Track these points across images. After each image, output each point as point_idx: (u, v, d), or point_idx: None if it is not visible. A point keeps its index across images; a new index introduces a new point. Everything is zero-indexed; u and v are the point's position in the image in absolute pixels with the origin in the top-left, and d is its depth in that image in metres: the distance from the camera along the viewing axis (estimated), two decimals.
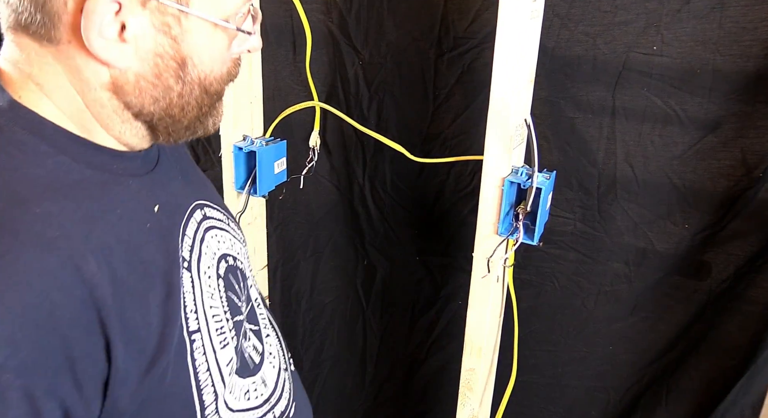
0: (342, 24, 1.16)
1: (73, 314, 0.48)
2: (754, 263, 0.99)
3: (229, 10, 0.56)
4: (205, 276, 0.63)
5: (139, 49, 0.53)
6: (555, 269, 1.14)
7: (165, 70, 0.55)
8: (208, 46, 0.56)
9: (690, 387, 1.10)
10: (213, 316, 0.62)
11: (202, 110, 0.60)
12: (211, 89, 0.59)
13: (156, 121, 0.58)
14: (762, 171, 0.94)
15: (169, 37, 0.53)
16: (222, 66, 0.59)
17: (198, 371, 0.60)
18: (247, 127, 1.15)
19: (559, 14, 0.99)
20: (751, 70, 0.91)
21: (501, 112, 0.84)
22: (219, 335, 0.63)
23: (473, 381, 1.00)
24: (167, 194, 0.63)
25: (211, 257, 0.65)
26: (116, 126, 0.57)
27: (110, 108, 0.56)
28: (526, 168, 0.90)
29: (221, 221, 0.72)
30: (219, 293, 0.65)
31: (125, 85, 0.54)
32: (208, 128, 0.63)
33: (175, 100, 0.57)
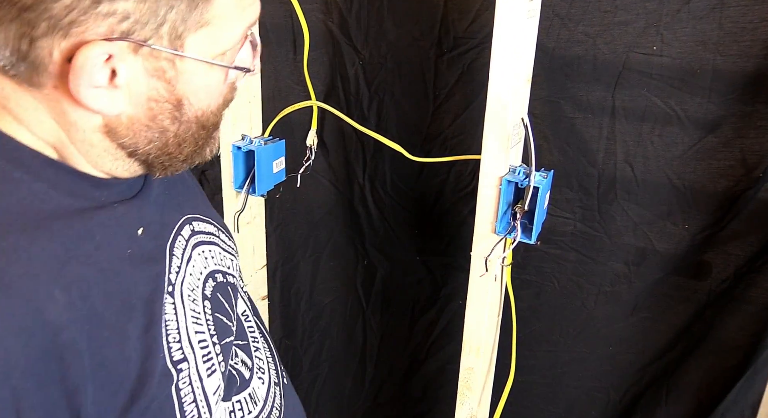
0: (342, 24, 1.16)
1: (29, 364, 0.45)
2: (754, 263, 0.99)
3: (228, 45, 0.54)
4: (188, 300, 0.60)
5: (132, 93, 0.50)
6: (555, 269, 1.14)
7: (160, 112, 0.52)
8: (204, 84, 0.54)
9: (690, 387, 1.10)
10: (199, 342, 0.60)
11: (198, 144, 0.57)
12: (209, 123, 0.57)
13: (152, 159, 0.55)
14: (762, 171, 0.94)
15: (164, 80, 0.51)
16: (219, 98, 0.57)
17: (183, 401, 0.57)
18: (245, 126, 1.15)
19: (559, 14, 0.99)
20: (751, 70, 0.91)
21: (498, 112, 0.84)
22: (206, 362, 0.60)
23: (472, 380, 1.00)
24: (154, 214, 0.61)
25: (197, 277, 0.63)
26: (107, 164, 0.54)
27: (100, 148, 0.53)
28: (523, 167, 0.90)
29: (211, 235, 0.69)
30: (205, 317, 0.62)
31: (118, 127, 0.52)
32: (206, 157, 0.61)
33: (171, 139, 0.55)
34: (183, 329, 0.58)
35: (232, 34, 0.53)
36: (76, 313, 0.48)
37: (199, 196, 0.75)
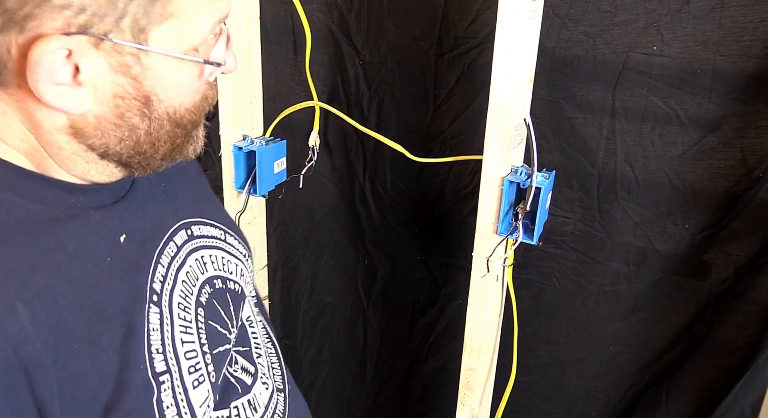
0: (342, 24, 1.16)
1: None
2: (754, 263, 0.99)
3: (197, 40, 0.51)
4: (179, 309, 0.59)
5: (97, 91, 0.48)
6: (555, 268, 1.14)
7: (127, 110, 0.50)
8: (174, 81, 0.51)
9: (690, 387, 1.10)
10: (186, 353, 0.58)
11: (175, 143, 0.55)
12: (184, 121, 0.54)
13: (126, 159, 0.53)
14: (762, 171, 0.94)
15: (129, 76, 0.49)
16: (194, 96, 0.54)
17: (165, 414, 0.55)
18: (247, 126, 1.15)
19: (559, 14, 0.99)
20: (751, 70, 0.91)
21: (500, 112, 0.84)
22: (192, 374, 0.58)
23: (473, 381, 1.00)
24: (140, 220, 0.59)
25: (191, 284, 0.62)
26: (79, 167, 0.53)
27: (70, 150, 0.51)
28: (525, 168, 0.90)
29: (215, 239, 0.68)
30: (197, 325, 0.60)
31: (85, 128, 0.50)
32: (188, 155, 0.58)
33: (143, 137, 0.52)
34: (168, 339, 0.56)
35: (201, 28, 0.51)
36: (40, 326, 0.46)
37: (207, 199, 0.74)
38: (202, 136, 0.60)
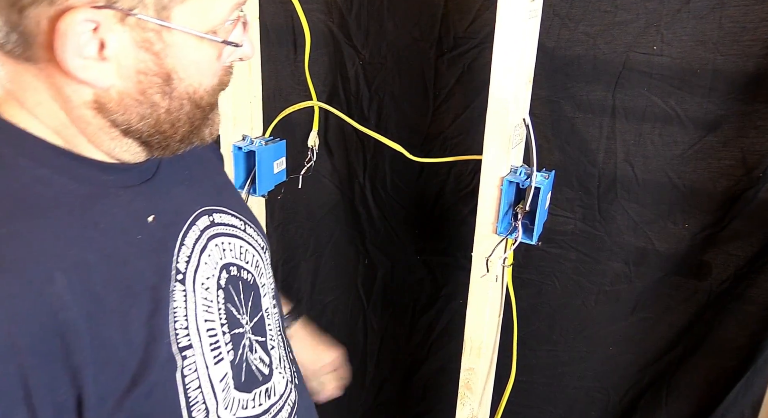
0: (342, 24, 1.16)
1: (32, 342, 0.47)
2: (754, 263, 0.99)
3: (216, 21, 0.53)
4: (201, 288, 0.61)
5: (121, 66, 0.50)
6: (555, 268, 1.14)
7: (149, 86, 0.52)
8: (194, 59, 0.53)
9: (690, 387, 1.10)
10: (207, 330, 0.60)
11: (194, 124, 0.57)
12: (202, 102, 0.56)
13: (146, 137, 0.55)
14: (762, 171, 0.94)
15: (151, 52, 0.51)
16: (212, 78, 0.57)
17: (188, 388, 0.58)
18: (246, 126, 1.15)
19: (559, 14, 0.99)
20: (751, 70, 0.91)
21: (500, 112, 0.84)
22: (213, 351, 0.61)
23: (473, 381, 1.00)
24: (166, 202, 0.61)
25: (212, 266, 0.64)
26: (105, 143, 0.55)
27: (96, 126, 0.53)
28: (524, 168, 0.90)
29: (234, 228, 0.70)
30: (217, 306, 0.63)
31: (109, 103, 0.52)
32: (205, 139, 0.60)
33: (164, 116, 0.54)
34: (192, 316, 0.59)
35: (221, 10, 0.53)
36: (76, 295, 0.49)
37: (229, 190, 0.76)
38: (218, 121, 0.62)
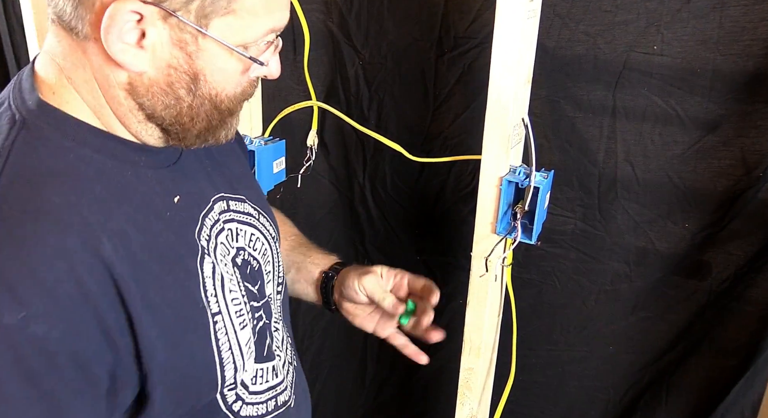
0: (342, 24, 1.16)
1: (98, 288, 0.53)
2: (754, 263, 0.99)
3: (249, 39, 0.58)
4: (222, 264, 0.67)
5: (155, 58, 0.56)
6: (555, 268, 1.14)
7: (177, 81, 0.57)
8: (222, 67, 0.58)
9: (690, 387, 1.10)
10: (232, 299, 0.67)
11: (211, 123, 0.62)
12: (222, 106, 0.61)
13: (167, 125, 0.60)
14: (762, 171, 0.94)
15: (185, 52, 0.56)
16: (235, 87, 0.61)
17: (221, 349, 0.65)
18: (246, 126, 1.15)
19: (559, 14, 0.99)
20: (751, 70, 0.91)
21: (499, 112, 0.84)
22: (238, 317, 0.67)
23: (472, 381, 1.00)
24: (189, 186, 0.67)
25: (228, 247, 0.69)
26: (133, 125, 0.60)
27: (126, 107, 0.59)
28: (524, 167, 0.90)
29: (248, 215, 0.75)
30: (237, 279, 0.69)
31: (139, 87, 0.57)
32: (220, 139, 0.65)
33: (185, 110, 0.59)
34: (218, 286, 0.65)
35: (256, 30, 0.58)
36: (122, 259, 0.55)
37: (247, 180, 0.82)
38: (235, 125, 0.66)
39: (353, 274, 0.88)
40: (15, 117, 0.57)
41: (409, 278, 0.90)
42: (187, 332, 0.61)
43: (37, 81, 0.59)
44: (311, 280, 0.94)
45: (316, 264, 0.94)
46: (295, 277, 0.95)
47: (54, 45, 0.58)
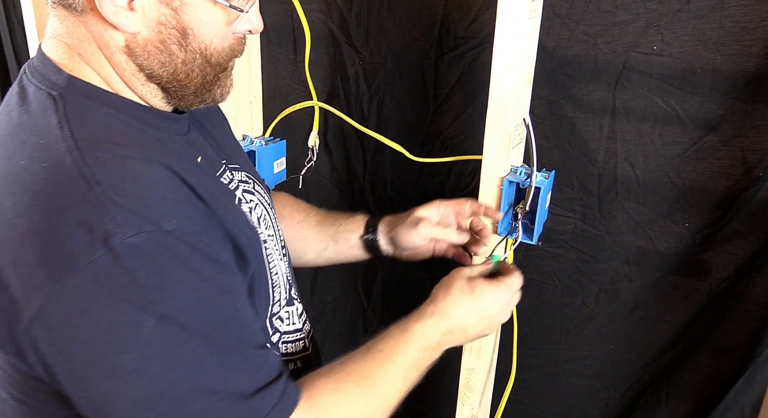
0: (342, 24, 1.16)
1: (199, 201, 0.60)
2: (754, 262, 0.99)
3: None
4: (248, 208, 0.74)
5: (145, 17, 0.60)
6: (556, 267, 1.14)
7: (168, 37, 0.62)
8: (207, 20, 0.63)
9: (690, 386, 1.10)
10: (268, 235, 0.76)
11: (206, 79, 0.66)
12: (213, 60, 0.65)
13: (165, 84, 0.65)
14: (762, 170, 0.94)
15: (171, 8, 0.60)
16: (222, 40, 0.65)
17: (272, 272, 0.74)
18: (246, 126, 1.15)
19: (559, 14, 0.99)
20: (751, 70, 0.91)
21: (500, 112, 0.84)
22: (276, 250, 0.77)
23: (473, 381, 1.00)
24: (203, 151, 0.72)
25: (245, 201, 0.75)
26: (138, 88, 0.65)
27: (129, 71, 0.63)
28: (525, 167, 0.90)
29: (246, 183, 0.79)
30: (265, 224, 0.77)
31: (136, 48, 0.62)
32: (216, 98, 0.69)
33: (180, 66, 0.64)
34: (256, 222, 0.73)
35: None
36: (195, 184, 0.60)
37: (239, 151, 0.86)
38: (229, 85, 0.70)
39: (403, 228, 0.91)
40: (51, 94, 0.61)
41: (453, 204, 0.91)
42: (253, 254, 0.66)
43: (56, 63, 0.63)
44: (353, 246, 0.96)
45: (350, 231, 0.96)
46: (335, 249, 0.98)
47: (57, 27, 0.63)
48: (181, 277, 0.55)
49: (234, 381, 0.57)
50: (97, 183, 0.54)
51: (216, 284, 0.58)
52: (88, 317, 0.52)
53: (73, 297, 0.52)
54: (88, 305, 0.52)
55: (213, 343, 0.56)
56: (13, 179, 0.56)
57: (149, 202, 0.55)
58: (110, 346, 0.53)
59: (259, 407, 0.58)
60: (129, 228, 0.52)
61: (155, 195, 0.56)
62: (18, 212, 0.54)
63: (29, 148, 0.58)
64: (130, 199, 0.54)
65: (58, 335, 0.53)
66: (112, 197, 0.53)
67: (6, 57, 1.71)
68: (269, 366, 0.61)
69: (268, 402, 0.59)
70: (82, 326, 0.52)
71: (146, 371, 0.53)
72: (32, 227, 0.53)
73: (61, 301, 0.52)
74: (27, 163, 0.56)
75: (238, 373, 0.58)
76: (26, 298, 0.53)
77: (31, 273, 0.53)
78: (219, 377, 0.56)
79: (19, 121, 0.61)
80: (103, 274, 0.52)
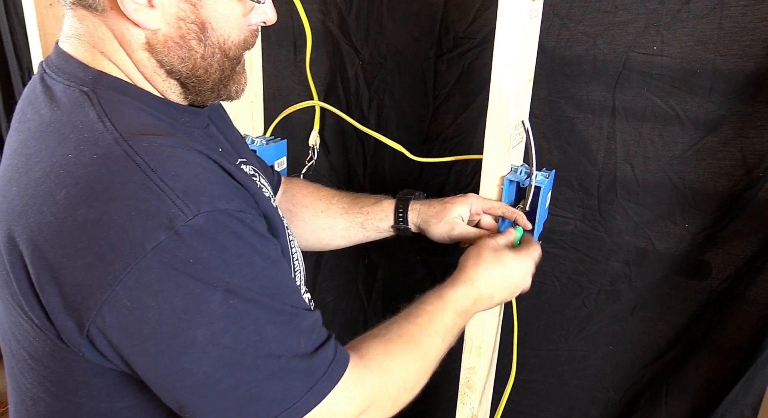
0: (342, 24, 1.16)
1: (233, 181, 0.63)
2: (754, 263, 0.99)
3: None
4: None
5: (165, 14, 0.62)
6: (555, 268, 1.14)
7: (187, 32, 0.64)
8: (224, 13, 0.65)
9: (690, 387, 1.10)
10: (286, 225, 0.77)
11: (224, 73, 0.69)
12: (231, 54, 0.68)
13: (184, 79, 0.67)
14: (762, 171, 0.94)
15: (189, 3, 0.62)
16: (239, 33, 0.67)
17: (294, 258, 0.77)
18: (247, 126, 1.15)
19: (559, 14, 0.99)
20: (751, 70, 0.91)
21: (500, 112, 0.84)
22: (291, 238, 0.79)
23: (473, 380, 1.00)
24: (222, 145, 0.75)
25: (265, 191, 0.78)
26: (159, 83, 0.67)
27: (150, 68, 0.65)
28: (525, 167, 0.90)
29: (256, 177, 0.81)
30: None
31: (157, 45, 0.64)
32: (231, 94, 0.72)
33: (199, 61, 0.66)
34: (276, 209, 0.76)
35: None
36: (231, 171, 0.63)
37: (245, 145, 0.89)
38: (244, 82, 0.73)
39: (437, 225, 0.94)
40: (83, 90, 0.62)
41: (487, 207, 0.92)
42: (279, 228, 0.70)
43: (81, 61, 0.64)
44: (383, 231, 1.00)
45: (379, 219, 0.99)
46: (364, 234, 1.01)
47: (77, 26, 0.64)
48: (239, 251, 0.57)
49: (294, 344, 0.60)
50: (151, 171, 0.56)
51: (266, 255, 0.60)
52: (159, 297, 0.54)
53: (142, 280, 0.54)
54: (159, 287, 0.54)
55: (272, 310, 0.59)
56: (63, 172, 0.57)
57: (200, 185, 0.57)
58: (183, 323, 0.55)
59: (317, 365, 0.61)
60: (189, 210, 0.55)
61: (204, 179, 0.58)
62: (73, 204, 0.55)
63: (74, 142, 0.59)
64: (184, 184, 0.56)
65: (130, 318, 0.55)
66: (168, 183, 0.55)
67: (6, 57, 1.71)
68: (319, 328, 0.64)
69: (325, 360, 0.62)
70: (155, 307, 0.54)
71: (217, 344, 0.56)
72: (91, 217, 0.55)
73: (131, 285, 0.54)
74: (75, 156, 0.58)
75: (297, 336, 0.61)
76: (93, 287, 0.54)
77: (96, 262, 0.54)
78: (281, 342, 0.59)
79: (52, 118, 0.62)
80: (169, 255, 0.54)
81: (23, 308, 0.61)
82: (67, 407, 0.65)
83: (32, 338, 0.63)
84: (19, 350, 0.66)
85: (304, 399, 0.60)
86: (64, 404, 0.65)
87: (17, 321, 0.63)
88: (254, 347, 0.57)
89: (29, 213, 0.58)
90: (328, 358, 0.62)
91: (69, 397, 0.64)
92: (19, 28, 1.63)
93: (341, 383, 0.62)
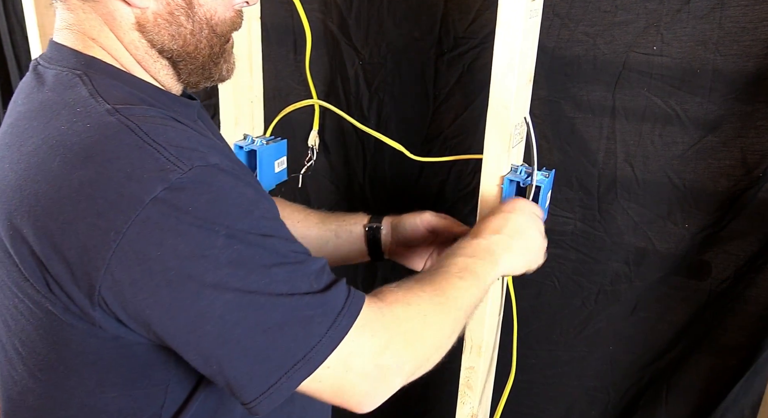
0: (342, 24, 1.16)
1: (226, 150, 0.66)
2: (754, 263, 0.99)
3: None
4: None
5: None
6: (555, 268, 1.14)
7: (176, 8, 0.65)
8: None
9: (690, 387, 1.10)
10: None
11: (213, 50, 0.70)
12: (218, 30, 0.69)
13: (175, 57, 0.68)
14: (762, 171, 0.94)
15: None
16: (225, 10, 0.69)
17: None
18: (247, 126, 1.15)
19: (559, 14, 0.99)
20: (751, 70, 0.91)
21: (500, 111, 0.84)
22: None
23: (473, 380, 1.00)
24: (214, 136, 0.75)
25: None
26: (150, 65, 0.68)
27: (142, 49, 0.67)
28: (525, 166, 0.90)
29: None
30: None
31: (147, 23, 0.65)
32: (222, 74, 0.73)
33: (189, 37, 0.67)
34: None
35: None
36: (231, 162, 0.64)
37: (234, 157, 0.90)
38: (233, 62, 0.74)
39: (407, 217, 0.99)
40: (75, 72, 0.64)
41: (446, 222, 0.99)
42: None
43: (68, 49, 0.66)
44: (355, 238, 1.01)
45: (354, 223, 1.01)
46: (335, 243, 1.01)
47: (67, 18, 0.66)
48: (235, 201, 0.59)
49: (305, 284, 0.60)
50: (144, 133, 0.57)
51: (262, 206, 0.61)
52: (163, 246, 0.55)
53: (144, 231, 0.55)
54: (161, 236, 0.55)
55: (276, 254, 0.60)
56: (56, 142, 0.58)
57: (192, 145, 0.59)
58: (189, 269, 0.55)
59: (334, 302, 0.61)
60: (183, 165, 0.56)
61: (195, 140, 0.60)
62: (68, 169, 0.56)
63: (66, 116, 0.60)
64: (176, 144, 0.58)
65: (138, 271, 0.55)
66: (161, 142, 0.57)
67: (6, 57, 1.71)
68: (328, 271, 0.64)
69: (340, 296, 0.62)
70: (160, 256, 0.55)
71: (227, 287, 0.56)
72: (87, 178, 0.56)
73: (134, 238, 0.54)
74: (68, 128, 0.59)
75: (306, 277, 0.61)
76: (98, 246, 0.55)
77: (97, 221, 0.55)
78: (291, 283, 0.60)
79: (42, 99, 0.63)
80: (167, 205, 0.55)
81: (23, 287, 0.61)
82: (57, 398, 0.65)
83: (26, 321, 0.63)
84: (10, 340, 0.66)
85: (328, 335, 0.59)
86: (54, 394, 0.65)
87: (11, 304, 0.63)
88: (264, 289, 0.58)
89: (24, 186, 0.58)
90: (342, 294, 0.62)
91: (59, 387, 0.64)
92: (18, 28, 1.63)
93: (361, 317, 0.62)
